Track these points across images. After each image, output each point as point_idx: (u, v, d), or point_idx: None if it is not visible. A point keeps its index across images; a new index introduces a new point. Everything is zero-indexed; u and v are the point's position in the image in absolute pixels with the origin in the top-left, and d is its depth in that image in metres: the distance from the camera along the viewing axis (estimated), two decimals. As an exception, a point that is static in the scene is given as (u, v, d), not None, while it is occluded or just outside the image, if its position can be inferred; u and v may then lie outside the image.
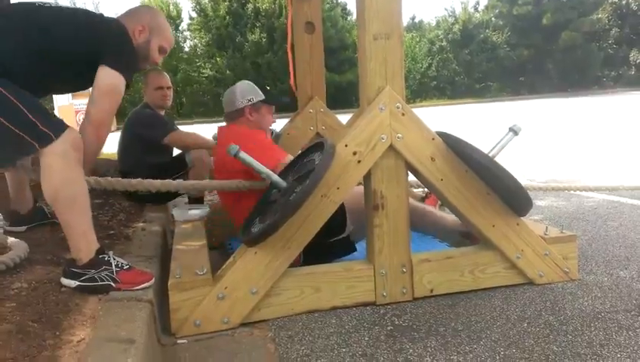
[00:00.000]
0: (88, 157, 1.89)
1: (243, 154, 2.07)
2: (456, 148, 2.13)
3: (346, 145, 2.04)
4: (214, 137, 3.46)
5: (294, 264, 2.09)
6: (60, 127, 1.80)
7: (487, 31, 32.34)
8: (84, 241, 1.85)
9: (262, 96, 2.59)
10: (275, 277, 2.01)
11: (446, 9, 45.98)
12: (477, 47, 31.84)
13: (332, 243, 2.44)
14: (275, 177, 2.08)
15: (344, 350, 1.78)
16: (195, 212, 2.89)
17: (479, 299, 2.14)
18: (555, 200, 3.95)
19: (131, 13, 2.11)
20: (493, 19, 33.24)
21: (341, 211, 2.34)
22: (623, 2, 31.69)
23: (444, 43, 32.41)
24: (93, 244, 1.88)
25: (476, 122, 12.23)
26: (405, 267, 2.14)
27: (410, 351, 1.75)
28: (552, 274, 2.27)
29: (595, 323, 1.87)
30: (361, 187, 2.23)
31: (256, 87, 2.62)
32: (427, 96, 30.30)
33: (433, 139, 2.13)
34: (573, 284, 2.24)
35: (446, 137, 2.15)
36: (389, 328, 1.93)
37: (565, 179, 4.73)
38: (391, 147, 2.08)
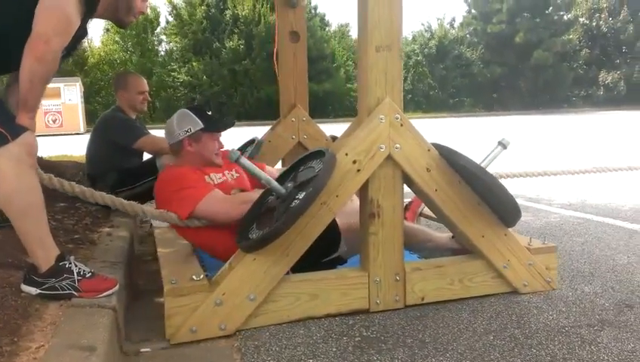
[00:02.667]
0: (24, 82, 1.71)
1: (243, 160, 2.06)
2: (450, 159, 2.19)
3: (346, 154, 2.06)
4: None
5: None
6: (17, 129, 1.72)
7: (461, 47, 32.91)
8: (40, 249, 1.79)
9: (200, 125, 2.41)
10: (274, 284, 2.01)
11: (422, 24, 46.63)
12: (452, 63, 32.34)
13: (323, 263, 2.39)
14: (275, 183, 2.08)
15: (311, 361, 1.76)
16: None
17: (447, 311, 2.16)
18: (523, 215, 4.01)
19: None
20: (467, 36, 33.85)
21: (336, 233, 2.36)
22: (594, 24, 32.66)
23: (419, 57, 32.86)
24: (52, 251, 1.82)
25: (454, 136, 12.41)
26: (399, 275, 2.18)
27: (377, 362, 1.74)
28: (536, 284, 2.33)
29: (559, 337, 1.90)
30: (356, 205, 2.26)
31: (193, 116, 2.45)
32: (403, 110, 30.47)
33: (429, 150, 2.18)
34: (538, 298, 2.27)
35: (440, 148, 2.21)
36: (357, 339, 1.92)
37: (535, 195, 4.81)
38: (389, 157, 2.11)
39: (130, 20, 2.06)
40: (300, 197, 1.95)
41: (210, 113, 2.60)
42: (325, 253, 2.40)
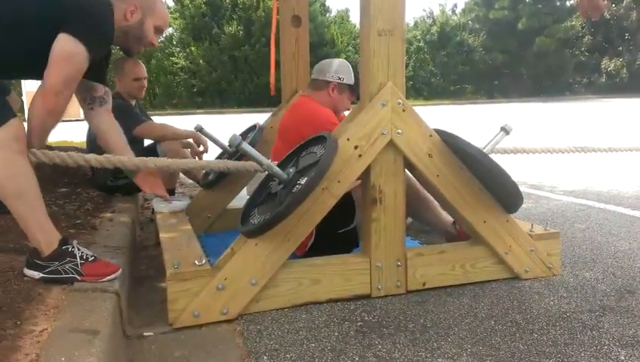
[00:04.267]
0: (35, 130, 1.80)
1: (245, 145, 2.05)
2: (452, 144, 2.18)
3: (348, 139, 2.06)
4: (197, 128, 3.41)
5: (298, 254, 2.09)
6: (3, 116, 1.71)
7: (463, 34, 32.70)
8: (40, 233, 1.79)
9: (352, 82, 2.64)
10: (275, 269, 2.01)
11: (424, 10, 46.32)
12: (453, 50, 32.15)
13: (339, 234, 2.48)
14: (276, 169, 2.08)
15: (313, 345, 1.77)
16: (178, 203, 2.88)
17: (449, 296, 2.16)
18: (525, 201, 4.01)
19: None
20: (469, 22, 33.63)
21: (351, 202, 2.39)
22: (596, 11, 32.43)
23: (421, 44, 32.66)
24: (53, 235, 1.82)
25: (456, 123, 12.38)
26: (400, 261, 2.18)
27: (379, 346, 1.75)
28: (537, 270, 2.34)
29: (561, 322, 1.91)
30: None
31: (351, 72, 2.66)
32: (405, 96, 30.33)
33: (431, 135, 2.17)
34: (540, 284, 2.28)
35: (442, 134, 2.21)
36: (358, 324, 1.93)
37: (537, 182, 4.81)
38: (391, 142, 2.11)
39: (139, 50, 2.08)
40: (302, 183, 1.95)
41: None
42: (342, 224, 2.46)
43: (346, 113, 2.60)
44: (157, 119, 3.93)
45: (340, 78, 2.63)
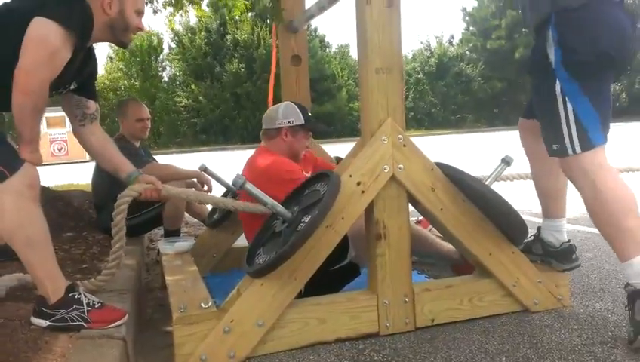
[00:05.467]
0: (16, 117, 1.72)
1: (249, 185, 2.08)
2: (454, 177, 2.20)
3: (350, 176, 2.07)
4: (201, 168, 3.44)
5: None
6: (15, 163, 1.72)
7: (461, 64, 33.12)
8: (49, 281, 1.80)
9: (302, 120, 2.63)
10: (282, 309, 2.00)
11: (422, 42, 46.96)
12: (452, 80, 32.52)
13: (335, 271, 2.46)
14: (281, 208, 2.10)
15: (322, 387, 1.75)
16: (183, 244, 2.87)
17: (458, 332, 2.14)
18: (530, 231, 3.99)
19: None
20: (467, 52, 34.10)
21: (344, 239, 2.34)
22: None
23: (420, 75, 33.07)
24: (61, 282, 1.82)
25: (458, 153, 12.42)
26: (407, 297, 2.17)
27: (389, 387, 1.72)
28: (547, 302, 2.31)
29: (572, 355, 1.88)
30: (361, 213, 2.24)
31: (298, 110, 2.66)
32: (405, 127, 30.52)
33: (432, 169, 2.19)
34: (549, 316, 2.25)
35: (444, 167, 2.22)
36: (367, 363, 1.90)
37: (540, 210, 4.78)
38: (393, 177, 2.12)
39: (130, 39, 2.06)
40: (306, 221, 1.95)
41: (310, 114, 2.73)
42: (335, 260, 2.41)
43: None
44: (161, 158, 3.97)
45: (289, 122, 2.61)
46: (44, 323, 1.78)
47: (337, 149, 5.63)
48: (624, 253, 1.95)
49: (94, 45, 2.09)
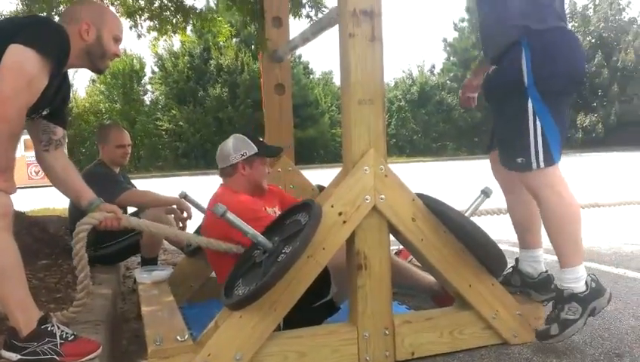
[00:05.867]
0: None
1: (229, 215, 2.05)
2: (435, 209, 2.21)
3: (332, 206, 2.07)
4: (181, 195, 3.41)
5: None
6: None
7: (442, 93, 33.68)
8: (21, 313, 1.74)
9: (255, 150, 2.57)
10: (261, 342, 1.96)
11: (404, 71, 47.69)
12: (434, 108, 33.02)
13: (315, 308, 2.41)
14: (262, 238, 2.07)
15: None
16: (160, 273, 2.81)
17: (437, 365, 2.12)
18: (510, 261, 4.01)
19: (67, 14, 1.99)
20: (448, 82, 34.71)
21: (325, 273, 2.33)
22: (569, 70, 33.75)
23: (402, 103, 33.53)
24: (33, 313, 1.77)
25: (438, 181, 12.52)
26: (388, 329, 2.15)
27: (369, 422, 1.69)
28: (525, 335, 2.32)
29: (552, 390, 1.87)
30: (344, 247, 2.23)
31: (248, 140, 2.60)
32: (387, 154, 30.83)
33: (413, 200, 2.20)
34: (528, 349, 2.25)
35: (425, 198, 2.24)
36: (347, 398, 1.87)
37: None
38: (374, 208, 2.12)
39: (106, 65, 2.05)
40: (287, 251, 1.94)
41: (262, 139, 2.66)
42: (316, 297, 2.39)
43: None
44: (142, 182, 3.94)
45: (242, 155, 2.55)
46: (14, 356, 1.73)
47: (320, 175, 5.64)
48: (569, 260, 2.15)
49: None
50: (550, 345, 2.29)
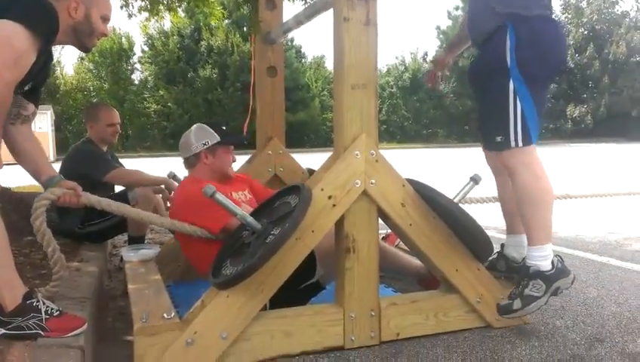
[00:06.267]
0: None
1: (219, 195, 2.04)
2: (424, 194, 2.23)
3: (322, 189, 2.07)
4: (170, 175, 3.39)
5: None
6: None
7: (434, 80, 33.69)
8: (6, 288, 1.72)
9: (217, 138, 2.55)
10: (247, 321, 1.97)
11: (396, 57, 47.62)
12: (425, 95, 33.02)
13: (301, 289, 2.44)
14: (250, 219, 2.07)
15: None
16: (147, 251, 2.80)
17: (422, 347, 2.15)
18: (496, 247, 4.06)
19: None
20: (440, 69, 34.72)
21: (311, 256, 2.32)
22: (560, 60, 33.88)
23: (394, 89, 33.50)
24: (19, 290, 1.76)
25: (428, 168, 12.57)
26: (374, 311, 2.17)
27: (353, 402, 1.72)
28: (509, 318, 2.32)
29: (533, 373, 1.91)
30: (331, 230, 2.24)
31: (210, 129, 2.58)
32: (378, 140, 30.87)
33: (403, 185, 2.21)
34: (511, 332, 2.29)
35: (415, 184, 2.25)
36: (331, 378, 1.90)
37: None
38: (364, 192, 2.13)
39: (93, 43, 2.03)
40: (276, 233, 1.94)
41: (224, 128, 2.65)
42: (302, 279, 2.41)
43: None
44: (129, 161, 3.91)
45: (204, 144, 2.54)
46: (-1, 331, 1.72)
47: (310, 159, 5.64)
48: (539, 238, 2.19)
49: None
50: (533, 327, 2.34)
